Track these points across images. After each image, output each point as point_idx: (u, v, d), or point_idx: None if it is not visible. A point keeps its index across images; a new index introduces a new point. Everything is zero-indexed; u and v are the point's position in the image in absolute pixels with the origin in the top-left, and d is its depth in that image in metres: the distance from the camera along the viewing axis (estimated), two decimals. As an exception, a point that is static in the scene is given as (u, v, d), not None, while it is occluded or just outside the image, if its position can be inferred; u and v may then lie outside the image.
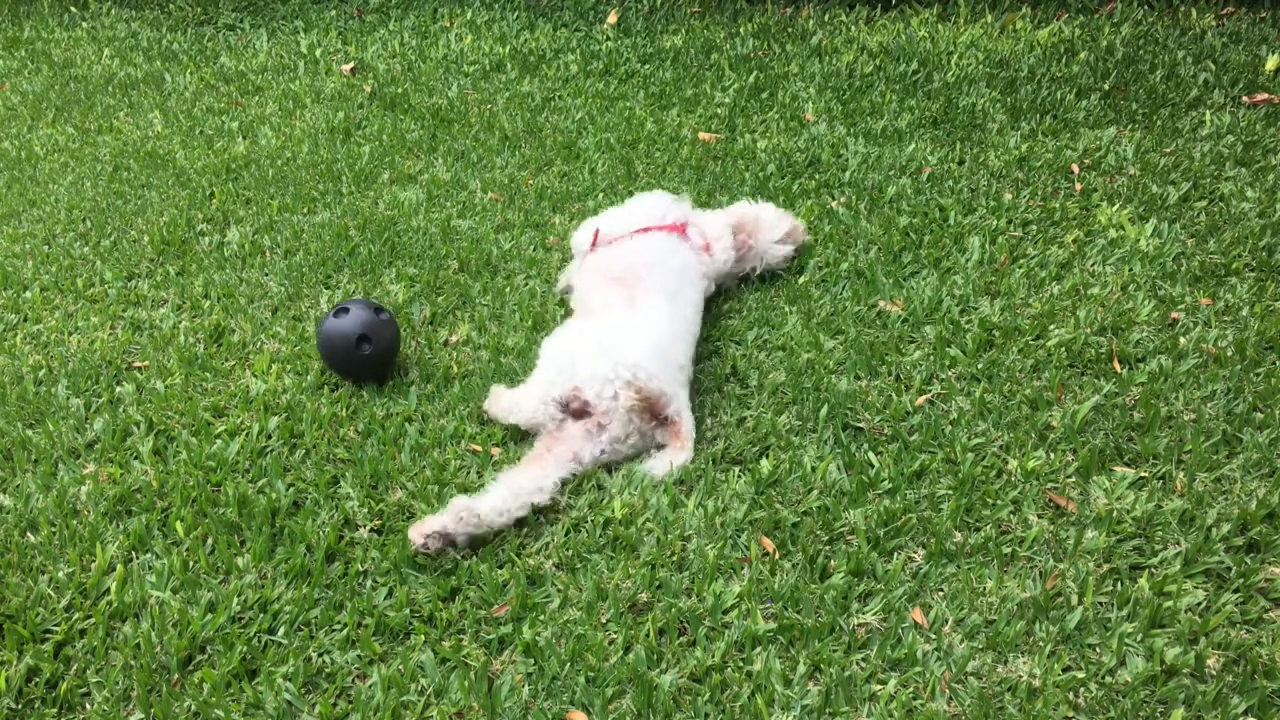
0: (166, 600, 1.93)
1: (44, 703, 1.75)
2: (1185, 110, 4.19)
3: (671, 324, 2.50)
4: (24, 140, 4.58)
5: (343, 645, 1.84)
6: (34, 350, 2.83)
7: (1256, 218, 3.22)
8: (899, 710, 1.67)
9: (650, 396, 2.24)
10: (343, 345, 2.48)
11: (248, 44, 6.16)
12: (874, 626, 1.84)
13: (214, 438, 2.40)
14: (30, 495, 2.21)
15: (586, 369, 2.29)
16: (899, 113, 4.39)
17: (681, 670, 1.76)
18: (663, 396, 2.26)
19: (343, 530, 2.11)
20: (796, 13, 6.06)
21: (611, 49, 5.57)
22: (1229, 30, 5.16)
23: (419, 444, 2.35)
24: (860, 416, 2.40)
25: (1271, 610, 1.84)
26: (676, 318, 2.54)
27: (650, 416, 2.27)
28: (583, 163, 4.02)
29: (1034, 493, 2.13)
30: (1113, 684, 1.71)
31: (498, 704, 1.71)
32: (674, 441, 2.28)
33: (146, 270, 3.29)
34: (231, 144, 4.40)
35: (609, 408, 2.26)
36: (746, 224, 3.05)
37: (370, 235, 3.43)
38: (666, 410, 2.27)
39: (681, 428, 2.28)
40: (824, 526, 2.07)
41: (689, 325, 2.58)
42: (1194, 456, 2.18)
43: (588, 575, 1.96)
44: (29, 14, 7.12)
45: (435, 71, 5.38)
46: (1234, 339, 2.60)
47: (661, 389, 2.26)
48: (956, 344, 2.66)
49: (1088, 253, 3.09)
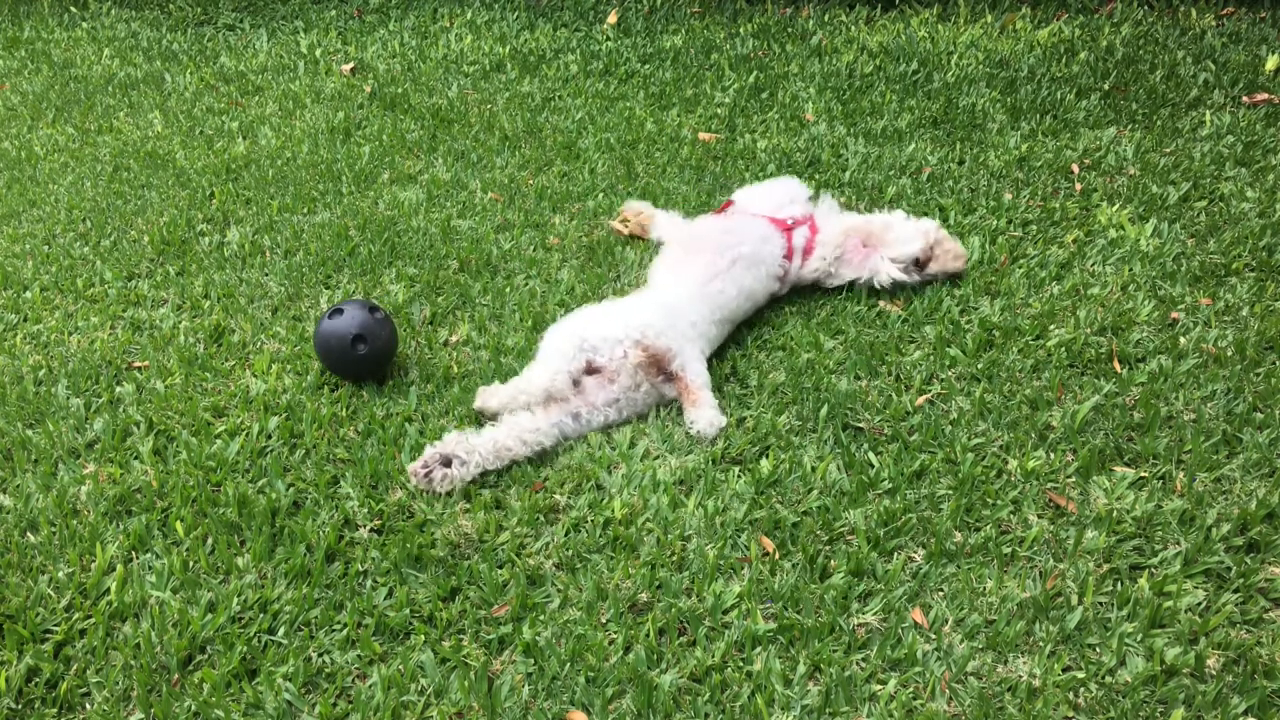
0: (166, 600, 1.93)
1: (44, 703, 1.75)
2: (1185, 110, 4.19)
3: (700, 291, 2.61)
4: (24, 140, 4.58)
5: (343, 645, 1.84)
6: (34, 350, 2.83)
7: (1256, 218, 3.22)
8: (899, 710, 1.67)
9: (656, 352, 2.37)
10: (339, 346, 2.48)
11: (248, 44, 6.16)
12: (874, 626, 1.84)
13: (214, 438, 2.40)
14: (30, 495, 2.22)
15: (597, 334, 2.43)
16: (899, 113, 4.39)
17: (681, 670, 1.76)
18: (668, 352, 2.38)
19: (343, 530, 2.11)
20: (796, 13, 6.06)
21: (611, 49, 5.57)
22: (1229, 30, 5.16)
23: (419, 444, 2.35)
24: (860, 416, 2.40)
25: (1271, 610, 1.84)
26: (709, 291, 2.63)
27: (657, 371, 2.39)
28: (583, 163, 4.02)
29: (1034, 493, 2.13)
30: (1113, 684, 1.71)
31: (498, 704, 1.71)
32: (685, 397, 2.37)
33: (146, 270, 3.29)
34: (231, 144, 4.40)
35: (619, 365, 2.38)
36: (873, 233, 2.92)
37: (370, 235, 3.43)
38: (672, 365, 2.38)
39: (688, 381, 2.37)
40: (824, 526, 2.07)
41: (722, 300, 2.64)
42: (1194, 456, 2.18)
43: (588, 575, 1.96)
44: (29, 14, 7.12)
45: (435, 71, 5.38)
46: (1234, 339, 2.60)
47: (668, 345, 2.39)
48: (956, 344, 2.66)
49: (1088, 253, 3.09)
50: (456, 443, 2.21)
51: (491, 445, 2.22)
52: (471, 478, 2.20)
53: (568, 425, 2.36)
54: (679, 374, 2.39)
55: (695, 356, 2.44)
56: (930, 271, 2.91)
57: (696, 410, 2.35)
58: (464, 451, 2.19)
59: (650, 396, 2.43)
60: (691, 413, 2.35)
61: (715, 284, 2.65)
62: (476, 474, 2.20)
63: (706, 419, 2.33)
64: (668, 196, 3.63)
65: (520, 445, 2.24)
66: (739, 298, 2.70)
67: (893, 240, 2.90)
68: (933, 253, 2.89)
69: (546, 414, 2.33)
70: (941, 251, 2.90)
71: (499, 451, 2.23)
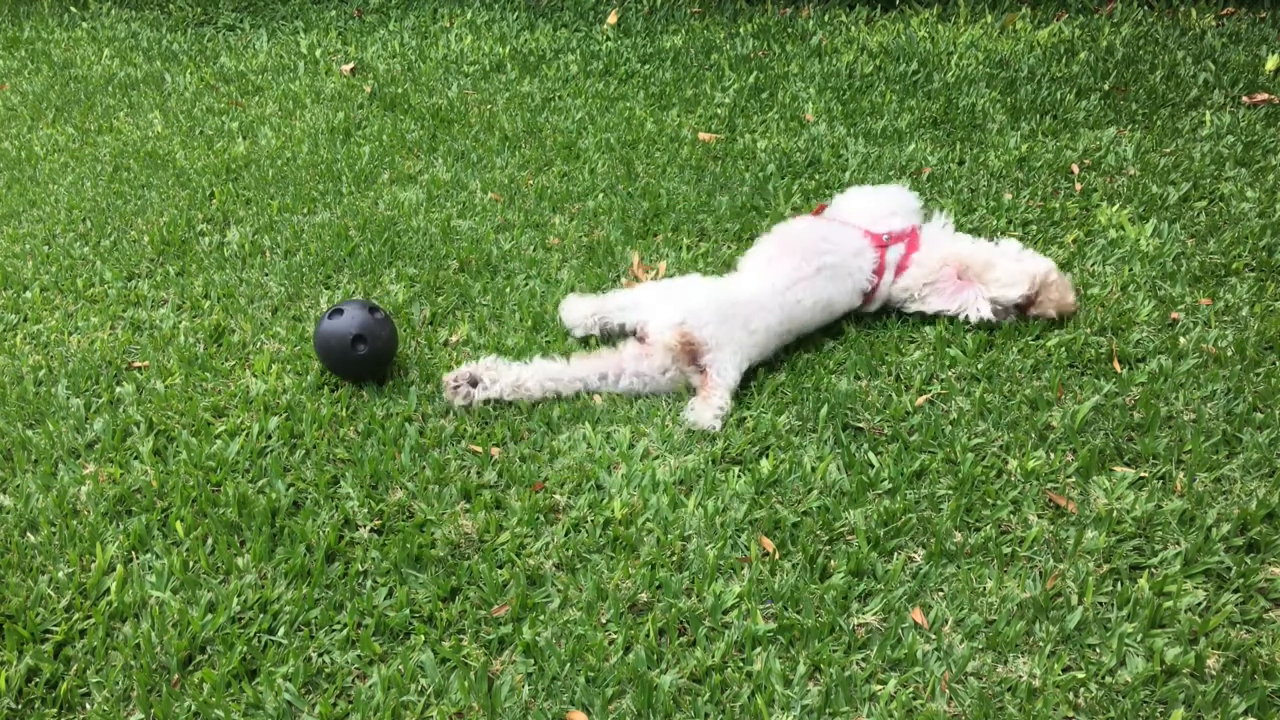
0: (166, 600, 1.93)
1: (44, 703, 1.75)
2: (1185, 110, 4.19)
3: (777, 299, 2.57)
4: (24, 140, 4.58)
5: (343, 645, 1.84)
6: (34, 350, 2.83)
7: (1256, 218, 3.22)
8: (899, 710, 1.67)
9: (692, 341, 2.43)
10: (339, 346, 2.48)
11: (248, 44, 6.16)
12: (874, 626, 1.84)
13: (214, 438, 2.40)
14: (30, 495, 2.22)
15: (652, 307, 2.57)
16: (899, 113, 4.39)
17: (681, 670, 1.76)
18: (704, 344, 2.43)
19: (343, 530, 2.11)
20: (796, 13, 6.06)
21: (611, 49, 5.57)
22: (1229, 30, 5.16)
23: (419, 444, 2.35)
24: (860, 416, 2.40)
25: (1271, 610, 1.84)
26: (786, 299, 2.58)
27: (689, 360, 2.45)
28: (583, 163, 4.02)
29: (1034, 493, 2.13)
30: (1113, 684, 1.71)
31: (498, 704, 1.71)
32: (701, 390, 2.42)
33: (146, 270, 3.29)
34: (231, 144, 4.40)
35: (657, 341, 2.48)
36: (973, 267, 2.73)
37: (370, 235, 3.43)
38: (704, 358, 2.43)
39: (711, 377, 2.41)
40: (824, 526, 2.07)
41: (797, 311, 2.60)
42: (1194, 456, 2.18)
43: (588, 575, 1.96)
44: (29, 14, 7.12)
45: (435, 72, 5.38)
46: (1234, 339, 2.60)
47: (706, 338, 2.43)
48: (956, 344, 2.66)
49: (1088, 253, 3.09)
50: (487, 368, 2.46)
51: (513, 379, 2.45)
52: (486, 400, 2.44)
53: (593, 382, 2.50)
54: (707, 368, 2.43)
55: (730, 359, 2.45)
56: (1032, 313, 2.71)
57: (702, 405, 2.38)
58: (489, 378, 2.44)
59: (675, 382, 2.50)
60: (696, 404, 2.40)
61: (795, 291, 2.58)
62: (493, 398, 2.44)
63: (703, 416, 2.36)
64: (668, 196, 3.63)
65: (538, 388, 2.45)
66: (814, 309, 2.63)
67: (993, 280, 2.69)
68: (1037, 297, 2.68)
69: (574, 367, 2.50)
70: (1046, 297, 2.67)
71: (517, 387, 2.44)
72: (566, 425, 2.41)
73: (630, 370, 2.49)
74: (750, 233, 3.34)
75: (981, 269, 2.71)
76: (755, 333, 2.51)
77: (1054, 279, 2.68)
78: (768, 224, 3.38)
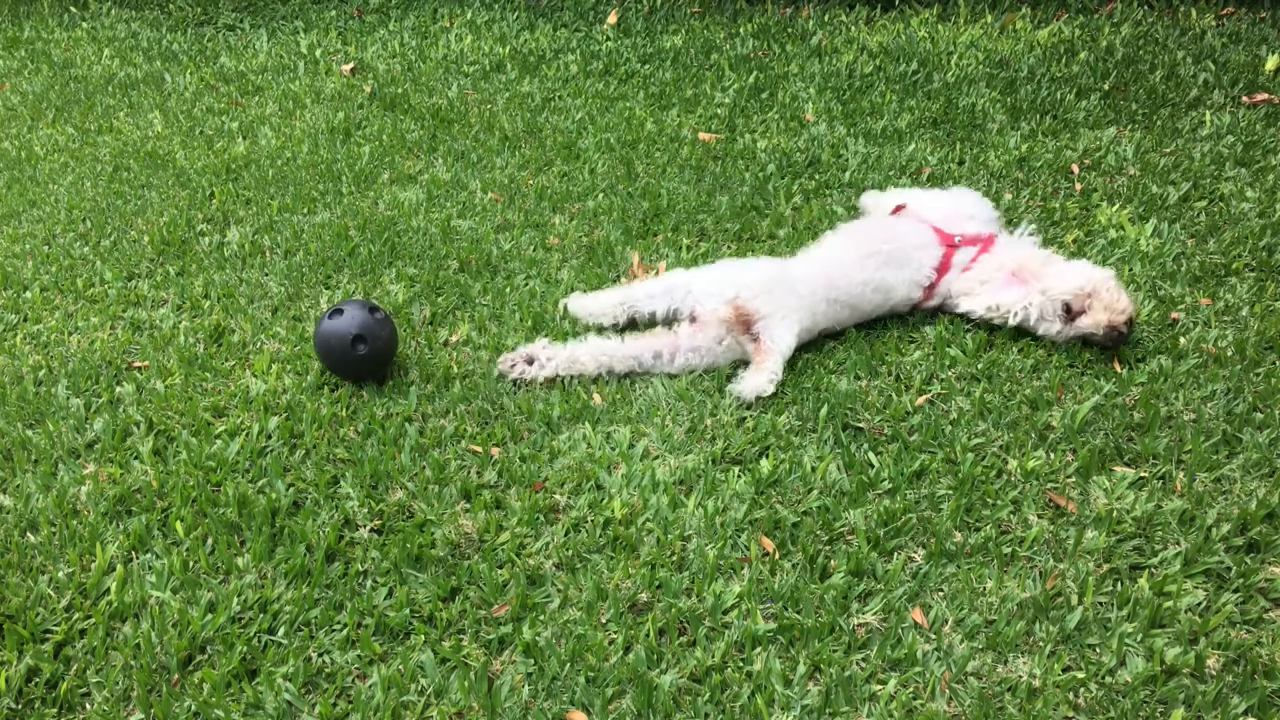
0: (166, 600, 1.93)
1: (44, 703, 1.75)
2: (1185, 110, 4.19)
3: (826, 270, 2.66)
4: (24, 140, 4.58)
5: (343, 645, 1.84)
6: (34, 350, 2.83)
7: (1256, 218, 3.22)
8: (899, 710, 1.67)
9: (745, 311, 2.50)
10: (339, 346, 2.48)
11: (248, 44, 6.16)
12: (874, 626, 1.84)
13: (214, 438, 2.40)
14: (30, 495, 2.22)
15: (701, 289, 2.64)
16: (899, 113, 4.39)
17: (681, 670, 1.76)
18: (756, 313, 2.50)
19: (343, 530, 2.11)
20: (796, 13, 6.06)
21: (611, 49, 5.57)
22: (1229, 30, 5.16)
23: (419, 444, 2.35)
24: (860, 416, 2.40)
25: (1271, 610, 1.84)
26: (834, 272, 2.66)
27: (744, 329, 2.52)
28: (583, 163, 4.02)
29: (1034, 493, 2.13)
30: (1113, 684, 1.71)
31: (498, 704, 1.71)
32: (756, 358, 2.48)
33: (146, 270, 3.29)
34: (231, 144, 4.40)
35: (709, 316, 2.56)
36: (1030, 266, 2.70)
37: (370, 235, 3.43)
38: (756, 326, 2.49)
39: (764, 342, 2.48)
40: (824, 526, 2.07)
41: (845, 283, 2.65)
42: (1194, 456, 2.18)
43: (588, 575, 1.96)
44: (29, 14, 7.12)
45: (435, 72, 5.38)
46: (1234, 339, 2.60)
47: (757, 307, 2.50)
48: (956, 344, 2.66)
49: (1088, 253, 3.09)
50: (542, 348, 2.58)
51: (567, 356, 2.55)
52: (543, 377, 2.54)
53: (646, 360, 2.57)
54: (760, 335, 2.49)
55: (783, 324, 2.51)
56: (1083, 326, 2.55)
57: (754, 372, 2.46)
58: (545, 356, 2.55)
59: (732, 351, 2.57)
60: (747, 374, 2.47)
61: (845, 267, 2.68)
62: (551, 374, 2.54)
63: (753, 383, 2.43)
64: (668, 196, 3.63)
65: (592, 363, 2.55)
66: (865, 286, 2.67)
67: (1048, 274, 2.66)
68: (1088, 303, 2.55)
69: (627, 345, 2.57)
70: (1097, 302, 2.53)
71: (571, 362, 2.54)
72: (566, 425, 2.41)
73: (686, 346, 2.56)
74: (750, 233, 3.34)
75: (1039, 266, 2.71)
76: (804, 298, 2.58)
77: (1110, 287, 2.56)
78: (768, 224, 3.38)
